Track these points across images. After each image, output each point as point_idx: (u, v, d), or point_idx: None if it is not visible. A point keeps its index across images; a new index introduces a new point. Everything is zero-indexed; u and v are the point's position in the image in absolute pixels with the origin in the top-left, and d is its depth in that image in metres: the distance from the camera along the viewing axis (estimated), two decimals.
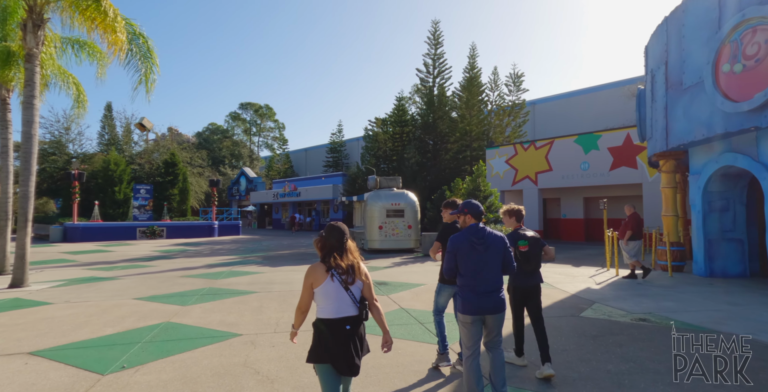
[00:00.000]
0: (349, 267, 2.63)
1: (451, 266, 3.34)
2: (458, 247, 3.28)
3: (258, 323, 5.97)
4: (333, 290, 2.57)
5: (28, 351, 4.74)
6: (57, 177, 30.20)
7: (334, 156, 45.69)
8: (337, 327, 2.54)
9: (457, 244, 3.30)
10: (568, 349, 4.72)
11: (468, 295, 3.24)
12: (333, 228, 2.72)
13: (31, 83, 9.14)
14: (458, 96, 29.23)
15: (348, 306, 2.58)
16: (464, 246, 3.26)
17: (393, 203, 16.33)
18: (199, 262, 13.72)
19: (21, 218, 9.33)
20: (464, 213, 3.42)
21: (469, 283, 3.27)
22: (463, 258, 3.26)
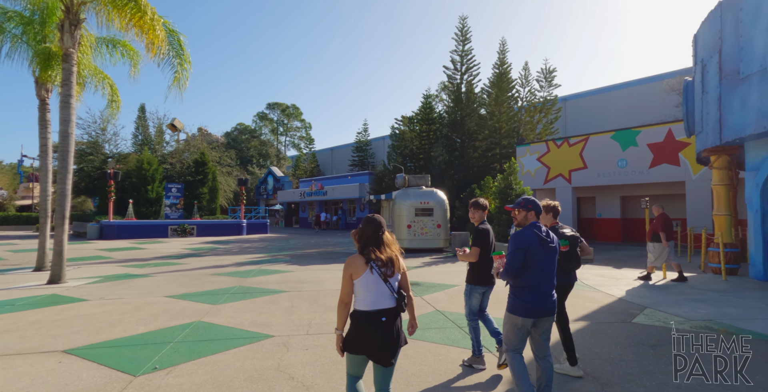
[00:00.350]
0: (388, 259, 2.63)
1: (519, 265, 3.09)
2: (529, 246, 3.09)
3: (290, 324, 5.78)
4: (372, 282, 2.58)
5: (63, 349, 4.69)
6: (94, 176, 31.23)
7: (360, 155, 45.64)
8: (373, 318, 2.55)
9: (528, 242, 3.11)
10: (627, 359, 4.31)
11: (529, 296, 3.09)
12: (370, 221, 2.73)
13: (68, 83, 9.28)
14: (487, 92, 28.56)
15: (386, 298, 2.59)
16: (535, 244, 3.10)
17: (422, 201, 16.00)
18: (228, 260, 13.77)
19: (58, 216, 9.49)
20: (527, 210, 3.25)
21: (531, 284, 3.10)
22: (530, 258, 3.09)
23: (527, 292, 3.09)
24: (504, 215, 15.42)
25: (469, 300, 4.29)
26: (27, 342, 4.98)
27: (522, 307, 3.10)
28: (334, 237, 26.46)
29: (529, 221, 3.24)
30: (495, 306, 6.47)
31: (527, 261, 3.08)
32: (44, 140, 11.53)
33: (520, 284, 3.12)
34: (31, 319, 6.06)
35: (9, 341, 5.01)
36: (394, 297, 2.62)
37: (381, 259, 2.61)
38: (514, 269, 3.08)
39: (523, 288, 3.11)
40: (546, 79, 27.20)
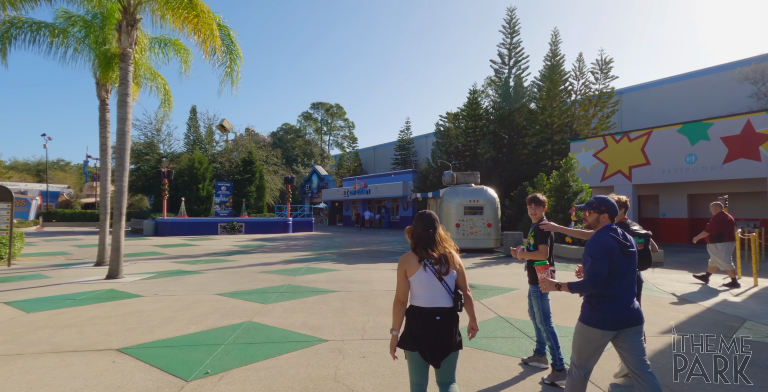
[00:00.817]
0: (442, 256, 2.56)
1: (605, 274, 2.73)
2: (612, 250, 2.77)
3: (342, 327, 5.47)
4: (426, 280, 2.52)
5: (117, 348, 4.60)
6: (150, 175, 32.72)
7: (402, 153, 45.20)
8: (427, 316, 2.50)
9: (610, 246, 2.78)
10: (746, 386, 3.63)
11: (609, 307, 2.76)
12: (422, 217, 2.66)
13: (125, 81, 9.48)
14: (538, 86, 27.31)
15: (442, 297, 2.52)
16: (615, 250, 2.78)
17: (471, 200, 15.38)
18: (276, 258, 13.78)
19: (116, 212, 9.73)
20: (599, 212, 2.93)
21: (611, 294, 2.77)
22: (612, 263, 2.75)
23: (606, 302, 2.76)
24: (560, 214, 14.52)
25: (542, 303, 4.01)
26: (84, 338, 4.95)
27: (601, 319, 2.76)
28: (378, 235, 26.23)
29: (602, 224, 2.92)
30: (562, 315, 5.87)
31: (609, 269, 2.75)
32: (104, 139, 11.94)
33: (599, 293, 2.78)
34: (90, 314, 6.10)
35: (68, 336, 5.00)
36: (451, 297, 2.54)
37: (434, 256, 2.55)
38: (601, 279, 2.71)
39: (602, 298, 2.78)
40: (602, 70, 25.59)
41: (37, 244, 17.73)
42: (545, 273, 2.92)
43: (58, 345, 4.69)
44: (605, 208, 2.91)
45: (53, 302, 6.93)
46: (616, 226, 2.91)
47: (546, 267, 2.95)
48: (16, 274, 10.06)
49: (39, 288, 8.16)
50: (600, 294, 2.77)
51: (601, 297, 2.77)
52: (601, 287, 2.73)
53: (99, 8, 10.84)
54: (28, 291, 7.92)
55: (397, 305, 2.58)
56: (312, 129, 64.61)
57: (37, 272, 10.40)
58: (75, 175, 56.83)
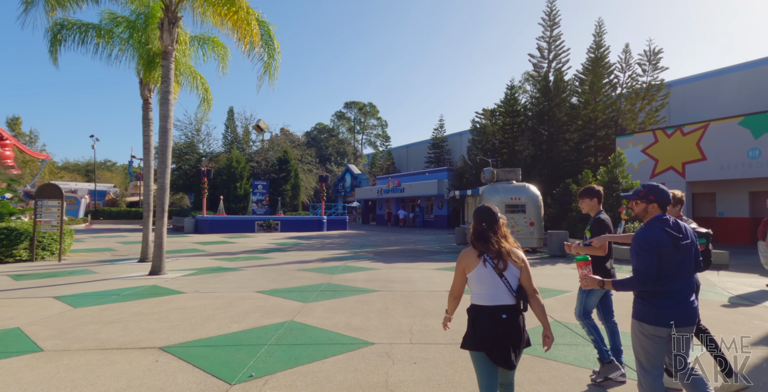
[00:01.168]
0: (502, 252, 2.47)
1: (654, 272, 2.51)
2: (661, 244, 2.54)
3: (388, 329, 5.17)
4: (486, 276, 2.44)
5: (160, 346, 4.48)
6: (190, 174, 33.66)
7: (436, 151, 44.57)
8: (491, 315, 2.41)
9: (659, 240, 2.55)
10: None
11: (663, 302, 2.54)
12: (482, 211, 2.59)
13: (166, 79, 9.56)
14: (580, 80, 26.14)
15: (504, 294, 2.43)
16: (666, 244, 2.55)
17: (512, 197, 14.78)
18: (312, 256, 13.69)
19: (158, 209, 9.84)
20: (647, 201, 2.67)
21: (665, 288, 2.54)
22: (663, 258, 2.53)
23: (659, 298, 2.55)
24: (609, 213, 13.71)
25: (587, 299, 3.78)
26: (128, 335, 4.88)
27: (653, 314, 2.54)
28: (413, 234, 25.87)
29: (651, 215, 2.66)
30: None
31: (659, 264, 2.52)
32: (147, 138, 12.16)
33: (651, 289, 2.54)
34: (133, 311, 6.08)
35: (112, 333, 4.94)
36: (513, 295, 2.43)
37: (493, 250, 2.46)
38: (649, 277, 2.50)
39: (654, 293, 2.56)
40: (650, 61, 24.19)
41: (85, 241, 18.43)
42: (586, 269, 2.76)
43: (102, 341, 4.63)
44: (654, 197, 2.63)
45: (99, 297, 6.99)
46: (667, 217, 2.63)
47: (587, 263, 2.77)
48: (66, 269, 10.36)
49: (86, 284, 8.32)
50: (656, 289, 2.54)
51: (657, 292, 2.55)
52: (649, 285, 2.50)
53: (142, 8, 11.03)
54: (76, 286, 8.07)
55: (450, 299, 2.63)
56: (345, 128, 64.92)
57: (85, 267, 10.69)
58: (121, 174, 59.43)
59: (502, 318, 2.39)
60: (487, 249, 2.47)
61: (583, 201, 3.98)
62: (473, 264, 2.47)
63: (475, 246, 2.52)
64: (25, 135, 50.17)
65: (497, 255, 2.45)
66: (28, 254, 11.86)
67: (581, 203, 4.01)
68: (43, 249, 12.32)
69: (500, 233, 2.54)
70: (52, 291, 7.54)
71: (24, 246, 11.78)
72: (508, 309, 2.41)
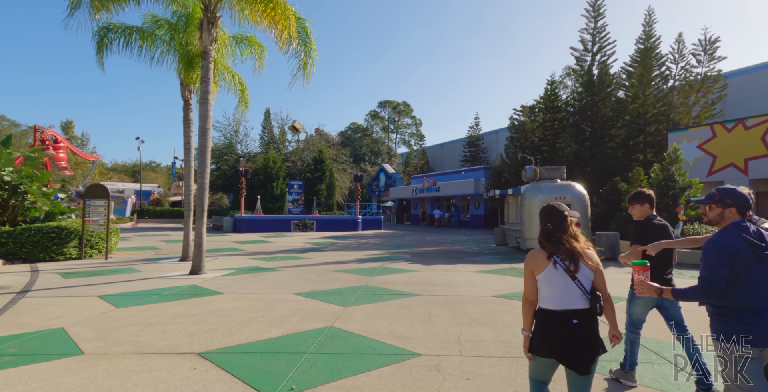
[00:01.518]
0: (572, 253, 2.33)
1: (723, 283, 2.25)
2: (737, 253, 2.27)
3: (434, 338, 4.83)
4: (557, 278, 2.32)
5: (198, 351, 4.32)
6: (229, 174, 34.43)
7: (472, 150, 43.67)
8: (562, 319, 2.28)
9: (735, 249, 2.27)
10: None
11: (746, 317, 2.26)
12: (549, 210, 2.49)
13: (206, 79, 9.59)
14: (627, 72, 24.79)
15: (576, 298, 2.30)
16: (744, 252, 2.27)
17: (557, 196, 14.05)
18: (349, 256, 13.50)
19: (198, 209, 9.89)
20: (725, 205, 2.43)
21: (745, 306, 2.26)
22: (741, 269, 2.26)
23: (746, 314, 2.26)
24: (664, 213, 12.77)
25: (632, 308, 3.67)
26: (167, 338, 4.76)
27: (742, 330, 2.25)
28: (450, 234, 25.34)
29: (728, 221, 2.43)
30: None
31: (735, 276, 2.26)
32: (187, 138, 12.32)
33: (735, 303, 2.28)
34: (173, 312, 6.02)
35: (151, 336, 4.85)
36: (587, 298, 2.30)
37: (563, 251, 2.33)
38: (718, 288, 2.24)
39: (738, 310, 2.28)
40: (705, 51, 22.57)
41: (131, 239, 19.07)
42: (643, 275, 2.54)
43: (141, 345, 4.53)
44: (732, 201, 2.40)
45: (140, 297, 7.01)
46: (747, 223, 2.38)
47: (645, 268, 2.56)
48: (111, 267, 10.61)
49: (129, 283, 8.42)
50: (739, 304, 2.27)
51: (741, 308, 2.28)
52: (715, 297, 2.26)
53: (182, 9, 11.15)
54: (119, 285, 8.18)
55: (526, 304, 2.46)
56: (379, 127, 64.84)
57: (129, 266, 10.92)
58: (164, 175, 61.79)
59: (573, 324, 2.25)
60: (557, 250, 2.34)
61: (634, 206, 3.76)
62: (542, 266, 2.35)
63: (543, 246, 2.40)
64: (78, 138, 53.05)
65: (568, 256, 2.32)
66: (77, 252, 12.26)
67: (631, 209, 3.78)
68: (91, 247, 12.72)
69: (569, 232, 2.40)
70: (97, 289, 7.65)
71: (73, 245, 12.19)
72: (580, 314, 2.28)
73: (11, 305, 6.45)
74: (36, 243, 11.50)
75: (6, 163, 12.54)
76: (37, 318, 5.62)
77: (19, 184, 12.42)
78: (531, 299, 2.43)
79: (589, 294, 2.31)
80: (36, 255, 11.52)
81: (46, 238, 11.60)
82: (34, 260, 11.50)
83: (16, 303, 6.60)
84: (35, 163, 14.22)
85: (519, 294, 7.41)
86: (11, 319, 5.59)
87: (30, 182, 12.87)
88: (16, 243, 11.30)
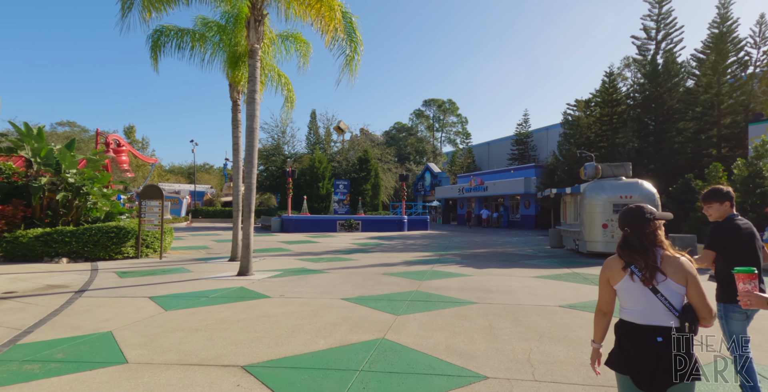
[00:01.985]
0: (651, 261, 2.02)
1: None
2: None
3: (500, 357, 4.27)
4: (636, 291, 2.05)
5: (243, 364, 4.02)
6: (276, 175, 35.09)
7: (520, 148, 41.93)
8: (644, 335, 2.02)
9: None
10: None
11: None
12: (629, 212, 2.17)
13: (253, 78, 9.48)
14: (698, 60, 22.75)
15: (660, 313, 2.01)
16: None
17: (622, 195, 12.93)
18: (396, 258, 13.07)
19: (246, 209, 9.80)
20: None
21: None
22: None
23: None
24: (749, 214, 11.36)
25: (728, 325, 3.09)
26: (211, 347, 4.51)
27: None
28: (499, 235, 24.32)
29: None
30: None
31: None
32: (236, 139, 12.37)
33: None
34: (219, 317, 5.82)
35: (196, 344, 4.62)
36: (674, 315, 2.00)
37: (641, 261, 2.04)
38: None
39: None
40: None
41: (185, 238, 19.67)
42: (750, 284, 2.09)
43: (185, 354, 4.29)
44: None
45: (189, 299, 6.92)
46: None
47: (753, 276, 2.09)
48: (164, 267, 10.79)
49: (179, 283, 8.42)
50: None
51: None
52: None
53: (231, 9, 11.18)
54: (170, 286, 8.19)
55: (598, 315, 2.26)
56: (424, 126, 64.14)
57: (181, 266, 11.06)
58: (216, 176, 64.31)
59: (657, 342, 2.00)
60: (634, 260, 2.07)
61: (711, 205, 3.30)
62: (618, 277, 2.12)
63: (620, 255, 2.14)
64: (138, 142, 56.22)
65: (647, 266, 2.04)
66: (134, 251, 12.64)
67: (708, 208, 3.35)
68: (147, 246, 13.09)
69: (650, 239, 2.09)
70: (149, 290, 7.67)
71: (131, 244, 12.58)
72: (666, 332, 2.00)
73: (67, 305, 6.53)
74: (97, 243, 11.94)
75: (70, 166, 13.15)
76: (89, 321, 5.59)
77: (82, 185, 12.98)
78: (604, 310, 2.23)
79: (677, 311, 2.01)
80: (97, 254, 11.96)
81: (105, 238, 12.01)
82: (95, 259, 11.94)
83: (72, 303, 6.69)
84: (96, 165, 14.86)
85: (589, 304, 6.66)
86: (65, 321, 5.60)
87: (91, 183, 13.44)
88: (79, 243, 11.77)
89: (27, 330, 5.16)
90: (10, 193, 12.73)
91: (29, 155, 12.90)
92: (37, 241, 11.48)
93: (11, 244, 11.42)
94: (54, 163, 12.86)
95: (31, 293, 7.44)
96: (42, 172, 13.05)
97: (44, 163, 12.94)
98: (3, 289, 7.70)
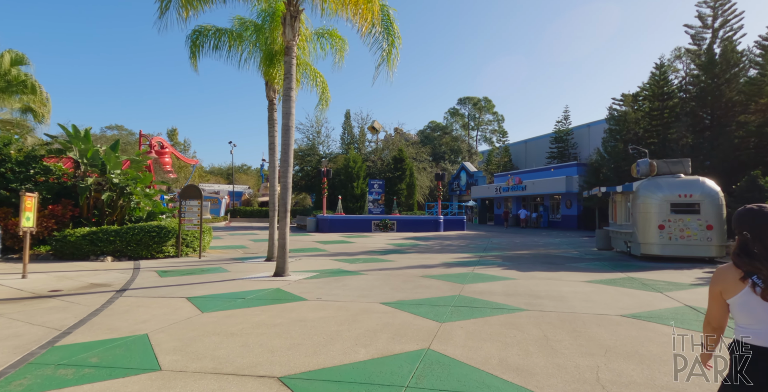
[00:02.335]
0: None
1: None
2: None
3: (563, 375, 3.79)
4: (758, 307, 1.78)
5: (279, 375, 3.74)
6: (312, 175, 35.31)
7: (560, 146, 40.40)
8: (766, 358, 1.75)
9: None
10: None
11: None
12: (749, 213, 1.88)
13: (288, 76, 9.32)
14: (762, 47, 21.03)
15: None
16: None
17: (681, 194, 11.96)
18: (434, 259, 12.63)
19: (281, 209, 9.66)
20: None
21: None
22: None
23: None
24: None
25: None
26: (247, 354, 4.27)
27: None
28: (539, 236, 23.36)
29: None
30: None
31: None
32: (272, 138, 12.30)
33: None
34: (255, 320, 5.61)
35: (231, 350, 4.40)
36: None
37: (765, 271, 1.76)
38: None
39: None
40: None
41: (223, 238, 19.96)
42: None
43: (220, 361, 4.07)
44: None
45: (226, 301, 6.78)
46: None
47: None
48: (202, 266, 10.83)
49: (216, 284, 8.35)
50: None
51: None
52: None
53: (268, 7, 11.11)
54: (207, 286, 8.12)
55: (708, 328, 2.03)
56: (458, 125, 63.11)
57: (219, 265, 11.07)
58: (254, 177, 65.75)
59: None
60: (757, 270, 1.80)
61: None
62: (734, 289, 1.85)
63: (736, 263, 1.87)
64: (181, 144, 58.28)
65: None
66: (175, 250, 12.82)
67: None
68: (187, 245, 13.25)
69: None
70: (187, 290, 7.61)
71: (171, 243, 12.76)
72: None
73: (108, 305, 6.52)
74: (139, 242, 12.17)
75: (114, 166, 13.50)
76: (126, 322, 5.50)
77: (126, 185, 13.30)
78: (715, 325, 1.99)
79: None
80: (139, 253, 12.19)
81: (147, 237, 12.23)
82: (138, 257, 12.17)
83: (113, 302, 6.68)
84: (139, 166, 15.24)
85: (656, 314, 6.01)
86: (104, 322, 5.54)
87: (134, 184, 13.75)
88: (123, 242, 12.03)
89: (66, 331, 5.12)
90: (60, 193, 13.21)
91: (77, 156, 13.33)
92: (83, 240, 11.81)
93: (60, 243, 11.81)
94: (99, 163, 13.24)
95: (75, 291, 7.54)
96: (89, 172, 13.46)
97: (90, 163, 13.34)
98: (50, 287, 7.85)
